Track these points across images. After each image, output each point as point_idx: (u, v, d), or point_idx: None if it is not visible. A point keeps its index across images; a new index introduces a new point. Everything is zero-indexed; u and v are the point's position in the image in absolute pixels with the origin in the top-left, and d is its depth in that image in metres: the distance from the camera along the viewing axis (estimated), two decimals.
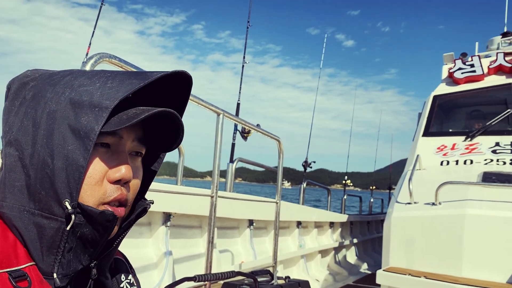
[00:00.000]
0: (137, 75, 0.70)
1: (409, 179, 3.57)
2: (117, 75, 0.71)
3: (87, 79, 0.70)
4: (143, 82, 0.67)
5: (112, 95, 0.66)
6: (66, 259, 0.68)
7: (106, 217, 0.68)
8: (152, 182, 0.88)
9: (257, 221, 4.62)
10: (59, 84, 0.69)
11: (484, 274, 2.98)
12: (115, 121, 0.67)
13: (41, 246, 0.66)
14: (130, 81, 0.68)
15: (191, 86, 0.79)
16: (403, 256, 3.29)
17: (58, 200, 0.65)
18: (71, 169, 0.65)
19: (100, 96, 0.66)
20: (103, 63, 1.75)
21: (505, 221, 2.99)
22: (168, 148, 0.81)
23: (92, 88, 0.68)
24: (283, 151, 3.53)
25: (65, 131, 0.66)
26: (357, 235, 8.03)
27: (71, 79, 0.70)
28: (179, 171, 3.89)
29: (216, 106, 2.53)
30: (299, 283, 2.83)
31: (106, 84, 0.68)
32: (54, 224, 0.66)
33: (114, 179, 0.70)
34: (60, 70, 0.75)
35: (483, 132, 4.77)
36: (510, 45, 6.02)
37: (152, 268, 3.26)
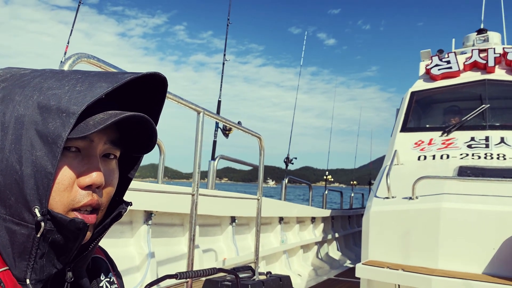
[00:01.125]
0: (107, 77, 0.69)
1: (386, 174, 3.65)
2: (88, 77, 0.69)
3: (57, 82, 0.68)
4: (112, 86, 0.66)
5: (80, 100, 0.65)
6: (38, 265, 0.67)
7: (76, 225, 0.67)
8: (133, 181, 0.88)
9: (239, 217, 4.65)
10: (28, 87, 0.68)
11: (459, 266, 3.07)
12: (82, 127, 0.66)
13: (13, 252, 0.66)
14: (100, 84, 0.67)
15: (167, 88, 0.78)
16: (382, 249, 3.36)
17: (28, 207, 0.65)
18: (40, 176, 0.64)
19: (68, 101, 0.65)
20: (82, 63, 1.75)
21: (478, 214, 3.08)
22: (144, 150, 0.81)
23: (61, 91, 0.67)
24: (264, 148, 3.57)
25: (33, 137, 0.65)
26: (339, 230, 8.13)
27: (41, 81, 0.69)
28: (159, 169, 3.89)
29: (196, 105, 2.55)
30: (280, 278, 2.87)
31: (75, 87, 0.67)
32: (25, 231, 0.65)
33: (84, 184, 0.69)
34: (32, 70, 0.74)
35: (459, 127, 4.88)
36: (484, 42, 6.16)
37: (134, 267, 3.27)
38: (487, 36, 6.14)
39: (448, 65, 5.72)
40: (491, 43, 6.16)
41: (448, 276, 2.82)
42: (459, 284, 2.75)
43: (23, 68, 0.76)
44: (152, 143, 0.79)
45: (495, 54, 5.56)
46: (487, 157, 4.39)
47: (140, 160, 0.86)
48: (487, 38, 6.13)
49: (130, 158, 0.85)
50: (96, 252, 0.90)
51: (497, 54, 5.56)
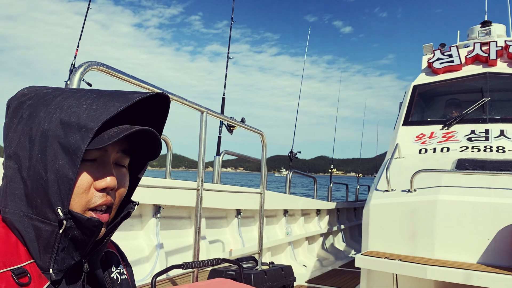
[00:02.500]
0: (119, 97, 0.81)
1: (386, 168, 3.76)
2: (102, 96, 0.82)
3: (76, 100, 0.81)
4: (124, 105, 0.79)
5: (96, 117, 0.77)
6: (60, 257, 0.80)
7: (93, 223, 0.81)
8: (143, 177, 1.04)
9: (244, 210, 4.80)
10: (51, 105, 0.81)
11: (455, 256, 3.19)
12: (98, 140, 0.79)
13: (38, 246, 0.79)
14: (113, 103, 0.79)
15: (169, 104, 0.93)
16: (381, 240, 3.49)
17: (52, 208, 0.77)
18: (62, 181, 0.77)
19: (86, 118, 0.77)
20: (92, 71, 1.89)
21: (473, 205, 3.19)
22: (150, 157, 0.95)
23: (80, 109, 0.79)
24: (266, 144, 3.70)
25: (56, 148, 0.77)
26: (344, 222, 8.26)
27: (62, 100, 0.81)
28: (167, 165, 4.05)
29: (199, 105, 2.68)
30: (282, 268, 3.01)
31: (91, 106, 0.79)
32: (49, 228, 0.78)
33: (100, 187, 0.82)
34: (53, 89, 0.87)
35: (460, 120, 4.96)
36: (486, 35, 6.20)
37: (144, 258, 3.43)
38: (489, 29, 6.18)
39: (450, 58, 5.78)
40: (494, 36, 6.20)
41: (443, 265, 2.94)
42: (453, 273, 2.87)
43: (45, 87, 0.89)
44: (157, 152, 0.93)
45: (497, 47, 5.60)
46: (487, 150, 4.48)
47: (147, 164, 1.00)
48: (489, 31, 6.16)
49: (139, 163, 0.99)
50: (109, 247, 1.04)
51: (499, 47, 5.61)
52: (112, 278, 0.98)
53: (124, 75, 2.01)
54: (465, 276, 2.83)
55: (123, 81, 2.07)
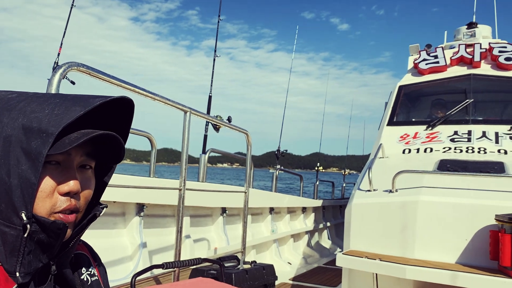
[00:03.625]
0: (81, 101, 0.82)
1: (369, 167, 3.81)
2: (65, 101, 0.83)
3: (38, 105, 0.82)
4: (84, 110, 0.80)
5: (57, 122, 0.78)
6: (26, 260, 0.81)
7: (57, 225, 0.82)
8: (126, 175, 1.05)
9: (230, 208, 4.82)
10: (15, 110, 0.82)
11: (434, 256, 3.25)
12: (59, 144, 0.81)
13: (4, 249, 0.80)
14: (74, 108, 0.80)
15: (133, 108, 0.93)
16: (363, 240, 3.54)
17: (16, 212, 0.79)
18: (25, 186, 0.78)
19: (47, 123, 0.78)
20: (72, 71, 1.89)
21: (453, 206, 3.25)
22: (115, 160, 0.96)
23: (42, 114, 0.80)
24: (251, 143, 3.72)
25: (19, 154, 0.79)
26: (330, 219, 8.33)
27: (25, 105, 0.82)
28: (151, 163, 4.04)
29: (182, 105, 2.69)
30: (263, 267, 3.04)
31: (53, 111, 0.80)
32: (14, 232, 0.80)
33: (63, 191, 0.83)
34: (18, 94, 0.87)
35: (444, 121, 5.03)
36: (471, 37, 6.28)
37: (127, 257, 3.44)
38: (473, 31, 6.25)
39: (436, 59, 5.85)
40: (479, 38, 6.28)
41: (421, 265, 3.00)
42: (431, 273, 2.92)
43: (11, 92, 0.90)
44: (120, 155, 0.94)
45: (481, 49, 5.68)
46: (469, 151, 4.55)
47: (114, 168, 1.01)
48: (474, 33, 6.24)
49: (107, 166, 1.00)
50: (80, 248, 1.05)
51: (483, 49, 5.68)
52: (82, 280, 0.99)
53: (105, 75, 2.01)
54: (443, 276, 2.89)
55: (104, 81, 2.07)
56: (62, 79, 1.83)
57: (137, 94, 2.30)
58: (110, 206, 0.85)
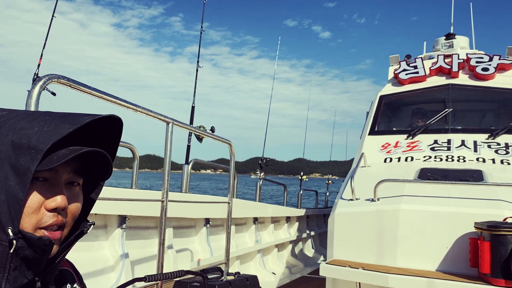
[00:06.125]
0: (70, 119, 0.83)
1: (351, 176, 3.85)
2: (55, 118, 0.84)
3: (28, 123, 0.83)
4: (73, 127, 0.81)
5: (46, 139, 0.79)
6: (12, 276, 0.81)
7: (43, 242, 0.82)
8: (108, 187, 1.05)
9: (213, 219, 4.80)
10: (4, 127, 0.82)
11: (416, 264, 3.29)
12: (47, 161, 0.81)
13: None
14: (63, 125, 0.81)
15: (122, 126, 0.95)
16: (346, 249, 3.56)
17: (3, 228, 0.79)
18: (12, 202, 0.78)
19: (37, 140, 0.79)
20: (53, 84, 1.87)
21: (433, 214, 3.30)
22: (102, 177, 0.96)
23: (31, 132, 0.80)
24: (234, 154, 3.72)
25: (7, 169, 0.79)
26: (314, 228, 8.35)
27: (15, 122, 0.83)
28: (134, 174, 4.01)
29: (165, 116, 2.69)
30: (247, 278, 3.04)
31: (43, 128, 0.81)
32: (0, 248, 0.79)
33: (50, 207, 0.84)
34: (8, 111, 0.88)
35: (424, 130, 5.12)
36: (449, 47, 6.43)
37: (109, 269, 3.38)
38: (451, 42, 6.41)
39: (415, 70, 5.97)
40: (457, 48, 6.44)
41: (403, 273, 3.03)
42: (413, 281, 2.95)
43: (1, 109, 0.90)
44: (108, 172, 0.94)
45: (459, 59, 5.82)
46: (449, 159, 4.63)
47: (101, 185, 1.02)
48: (452, 44, 6.40)
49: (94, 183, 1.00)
50: (64, 265, 1.05)
51: (461, 59, 5.82)
52: None
53: (85, 87, 2.00)
54: (424, 284, 2.92)
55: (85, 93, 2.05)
56: (42, 91, 1.81)
57: (119, 106, 2.29)
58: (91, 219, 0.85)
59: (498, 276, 2.76)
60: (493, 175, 3.92)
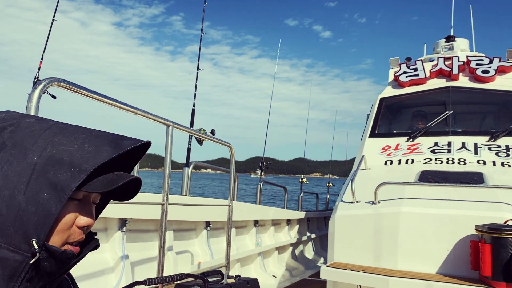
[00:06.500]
0: (110, 142, 0.85)
1: (352, 179, 3.84)
2: (92, 137, 0.85)
3: (66, 138, 0.83)
4: (117, 152, 0.83)
5: (90, 160, 0.81)
6: (23, 286, 0.81)
7: (67, 255, 0.84)
8: None
9: (214, 222, 4.79)
10: (40, 138, 0.83)
11: (417, 266, 3.28)
12: (96, 184, 0.83)
13: (3, 274, 0.79)
14: (105, 148, 0.83)
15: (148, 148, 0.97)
16: (346, 252, 3.56)
17: (26, 238, 0.79)
18: (42, 215, 0.79)
19: (80, 159, 0.81)
20: (53, 87, 1.88)
21: (434, 217, 3.30)
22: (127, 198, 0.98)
23: (72, 149, 0.82)
24: (234, 156, 3.72)
25: (43, 182, 0.79)
26: (314, 231, 8.34)
27: (51, 135, 0.84)
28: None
29: (165, 119, 2.69)
30: (248, 281, 3.03)
31: (83, 147, 0.83)
32: (19, 257, 0.79)
33: (81, 225, 0.87)
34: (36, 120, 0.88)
35: (424, 133, 5.12)
36: (450, 50, 6.43)
37: (109, 272, 3.38)
38: (452, 45, 6.41)
39: (415, 72, 5.97)
40: (457, 51, 6.44)
41: (404, 276, 3.02)
42: (414, 284, 2.95)
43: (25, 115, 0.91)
44: (135, 195, 0.97)
45: (459, 62, 5.82)
46: (449, 162, 4.63)
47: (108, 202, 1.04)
48: (452, 46, 6.40)
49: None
50: None
51: (461, 62, 5.82)
52: None
53: (85, 90, 2.00)
54: (424, 287, 2.91)
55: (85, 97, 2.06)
56: (42, 94, 1.81)
57: (119, 109, 2.29)
58: None
59: (499, 279, 2.75)
60: (493, 177, 3.91)
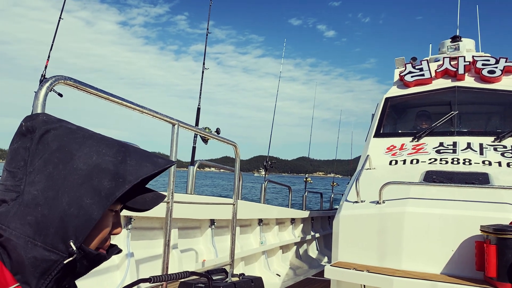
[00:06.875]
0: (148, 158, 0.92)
1: (356, 179, 3.84)
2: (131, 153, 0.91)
3: (109, 149, 0.89)
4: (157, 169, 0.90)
5: (134, 173, 0.87)
6: (51, 283, 0.85)
7: (100, 257, 0.91)
8: None
9: (218, 220, 4.81)
10: (85, 146, 0.87)
11: (421, 267, 3.28)
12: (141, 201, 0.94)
13: (34, 271, 0.82)
14: (145, 164, 0.90)
15: None
16: (350, 251, 3.56)
17: (64, 239, 0.82)
18: (83, 218, 0.83)
19: (124, 170, 0.87)
20: (59, 85, 1.89)
21: (439, 217, 3.29)
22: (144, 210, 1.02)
23: (115, 160, 0.87)
24: (239, 155, 3.72)
25: (87, 188, 0.83)
26: (318, 230, 8.33)
27: (94, 143, 0.88)
28: None
29: (170, 117, 2.70)
30: (252, 280, 3.04)
31: (126, 160, 0.89)
32: (54, 257, 0.83)
33: (115, 233, 0.96)
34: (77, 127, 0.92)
35: (429, 133, 5.10)
36: (455, 50, 6.40)
37: (114, 270, 3.40)
38: (457, 45, 6.39)
39: (421, 72, 5.95)
40: (463, 51, 6.42)
41: (409, 276, 3.02)
42: (418, 284, 2.94)
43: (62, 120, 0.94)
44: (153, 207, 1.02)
45: (465, 62, 5.80)
46: (454, 162, 4.62)
47: None
48: (458, 46, 6.37)
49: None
50: None
51: (467, 62, 5.80)
52: None
53: (92, 88, 2.02)
54: (429, 287, 2.91)
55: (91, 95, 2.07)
56: (49, 92, 1.83)
57: (125, 107, 2.31)
58: None
59: (504, 280, 2.74)
60: (499, 178, 3.90)
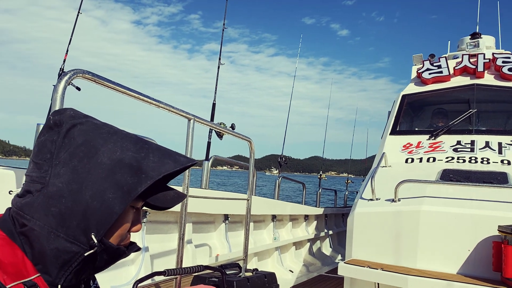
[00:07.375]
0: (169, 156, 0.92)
1: (372, 176, 3.81)
2: (154, 150, 0.91)
3: (132, 145, 0.89)
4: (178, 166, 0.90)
5: (157, 169, 0.87)
6: (71, 275, 0.87)
7: (120, 252, 0.91)
8: None
9: (232, 215, 4.82)
10: (110, 141, 0.88)
11: (436, 266, 3.24)
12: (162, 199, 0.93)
13: (55, 262, 0.84)
14: (167, 161, 0.90)
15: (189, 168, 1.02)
16: (365, 249, 3.53)
17: (86, 232, 0.84)
18: (105, 212, 0.84)
19: (147, 166, 0.87)
20: (78, 79, 1.91)
21: (455, 216, 3.25)
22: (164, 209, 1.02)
23: (139, 156, 0.88)
24: (254, 151, 3.72)
25: (110, 182, 0.84)
26: (332, 227, 8.30)
27: (119, 139, 0.89)
28: None
29: (186, 112, 2.71)
30: (265, 275, 3.04)
31: (148, 157, 0.89)
32: (76, 249, 0.84)
33: (135, 231, 0.96)
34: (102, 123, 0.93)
35: (447, 131, 5.03)
36: (475, 47, 6.29)
37: (129, 263, 3.44)
38: (477, 42, 6.27)
39: (439, 69, 5.86)
40: (482, 48, 6.30)
41: (424, 275, 2.99)
42: (433, 283, 2.91)
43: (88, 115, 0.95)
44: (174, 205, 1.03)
45: (485, 59, 5.69)
46: (472, 161, 4.55)
47: None
48: (478, 43, 6.26)
49: None
50: None
51: (486, 59, 5.69)
52: None
53: (110, 82, 2.03)
54: (444, 287, 2.88)
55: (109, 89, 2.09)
56: (67, 85, 1.85)
57: (142, 102, 2.32)
58: None
59: None
60: None
